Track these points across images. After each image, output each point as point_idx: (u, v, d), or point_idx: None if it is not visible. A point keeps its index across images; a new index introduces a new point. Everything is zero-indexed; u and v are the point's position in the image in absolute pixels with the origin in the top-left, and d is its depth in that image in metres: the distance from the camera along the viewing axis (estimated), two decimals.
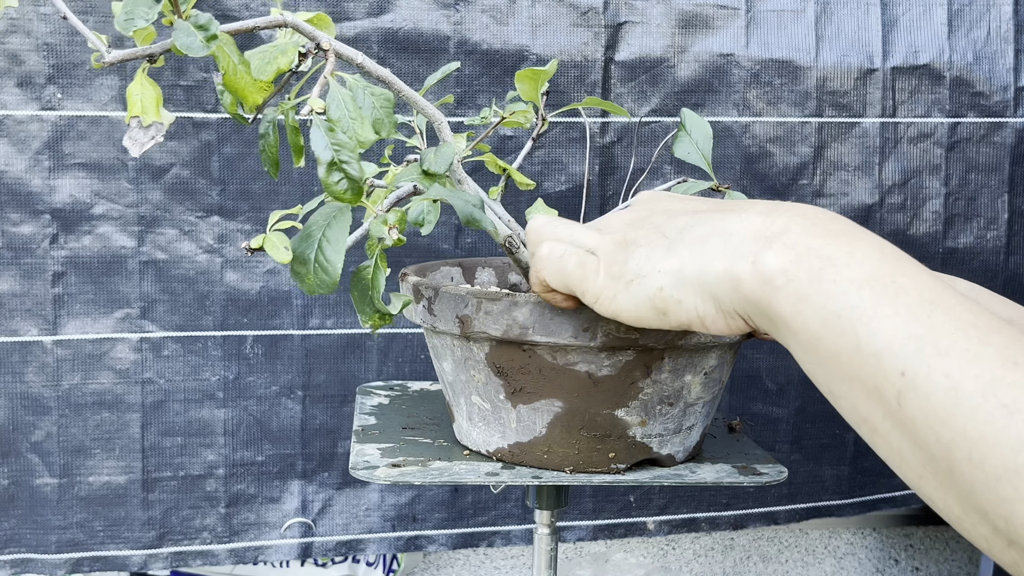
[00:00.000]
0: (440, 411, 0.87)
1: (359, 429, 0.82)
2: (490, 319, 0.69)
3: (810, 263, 0.50)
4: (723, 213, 0.56)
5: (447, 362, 0.75)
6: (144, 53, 0.57)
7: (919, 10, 1.16)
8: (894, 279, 0.47)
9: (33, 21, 1.01)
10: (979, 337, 0.44)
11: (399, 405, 0.89)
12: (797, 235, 0.51)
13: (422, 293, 0.73)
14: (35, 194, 1.04)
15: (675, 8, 1.11)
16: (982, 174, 1.19)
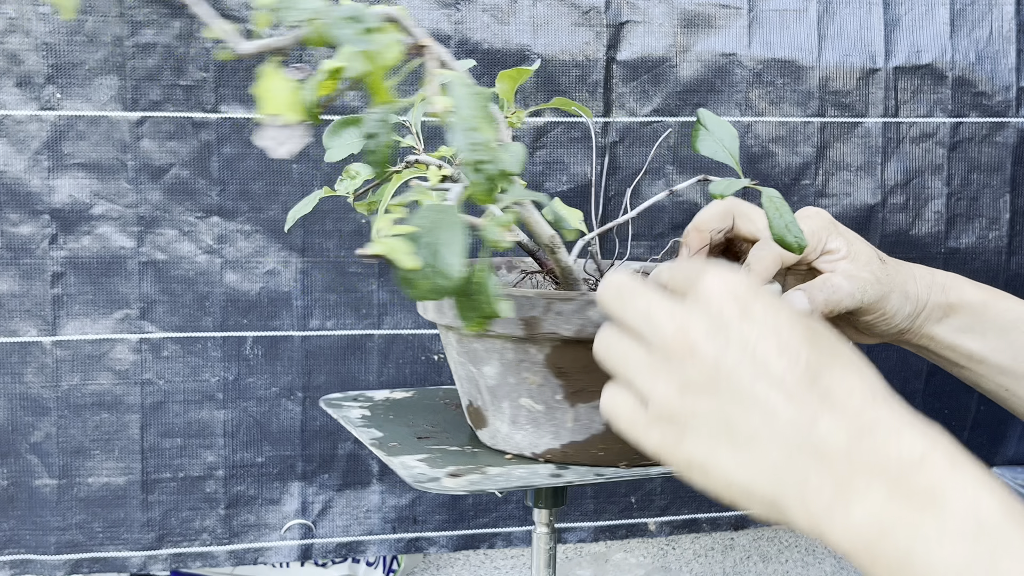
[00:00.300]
0: (438, 419, 0.86)
1: (374, 442, 0.80)
2: (561, 319, 0.68)
3: (897, 537, 0.46)
4: (808, 410, 0.49)
5: (491, 366, 0.73)
6: (276, 46, 0.55)
7: (921, 10, 1.15)
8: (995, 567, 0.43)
9: (32, 20, 1.00)
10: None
11: (385, 415, 0.88)
12: (882, 499, 0.46)
13: None
14: (34, 194, 1.03)
15: (677, 8, 1.10)
16: (984, 174, 1.18)
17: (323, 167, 1.07)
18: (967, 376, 0.85)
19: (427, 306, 0.76)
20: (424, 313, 0.77)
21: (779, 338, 0.50)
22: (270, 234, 1.07)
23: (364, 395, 0.95)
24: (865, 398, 0.49)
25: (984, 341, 0.81)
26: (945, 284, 0.83)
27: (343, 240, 1.08)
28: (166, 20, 1.02)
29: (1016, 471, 1.29)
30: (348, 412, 0.89)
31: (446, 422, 0.85)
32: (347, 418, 0.87)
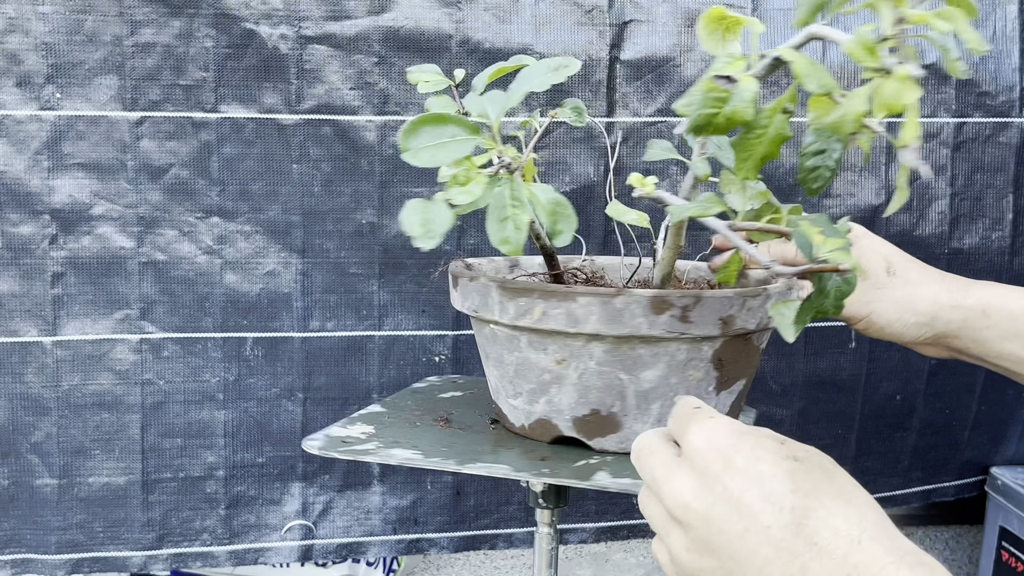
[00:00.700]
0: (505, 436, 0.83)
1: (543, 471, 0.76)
2: (750, 315, 0.71)
3: None
4: (797, 560, 0.50)
5: (654, 370, 0.73)
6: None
7: (926, 8, 1.14)
8: None
9: (32, 20, 0.99)
10: None
11: (440, 436, 0.83)
12: None
13: (673, 303, 0.70)
14: (34, 194, 1.02)
15: (681, 7, 1.08)
16: (987, 174, 1.17)
17: (323, 168, 1.06)
18: (1022, 382, 0.84)
19: (589, 319, 0.72)
20: (579, 327, 0.72)
21: (762, 488, 0.51)
22: (270, 235, 1.06)
23: (356, 419, 0.87)
24: (851, 539, 0.49)
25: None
26: (975, 292, 0.83)
27: (343, 241, 1.07)
28: (166, 19, 1.01)
29: (1016, 471, 1.28)
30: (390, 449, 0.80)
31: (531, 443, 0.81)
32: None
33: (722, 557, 0.52)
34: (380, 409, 0.88)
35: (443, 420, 0.85)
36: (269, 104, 1.04)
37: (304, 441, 0.76)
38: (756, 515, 0.51)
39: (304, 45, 1.03)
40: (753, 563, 0.51)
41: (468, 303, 0.77)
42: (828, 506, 0.50)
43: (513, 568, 1.28)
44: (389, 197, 1.07)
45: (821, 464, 0.53)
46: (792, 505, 0.50)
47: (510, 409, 0.80)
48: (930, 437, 1.26)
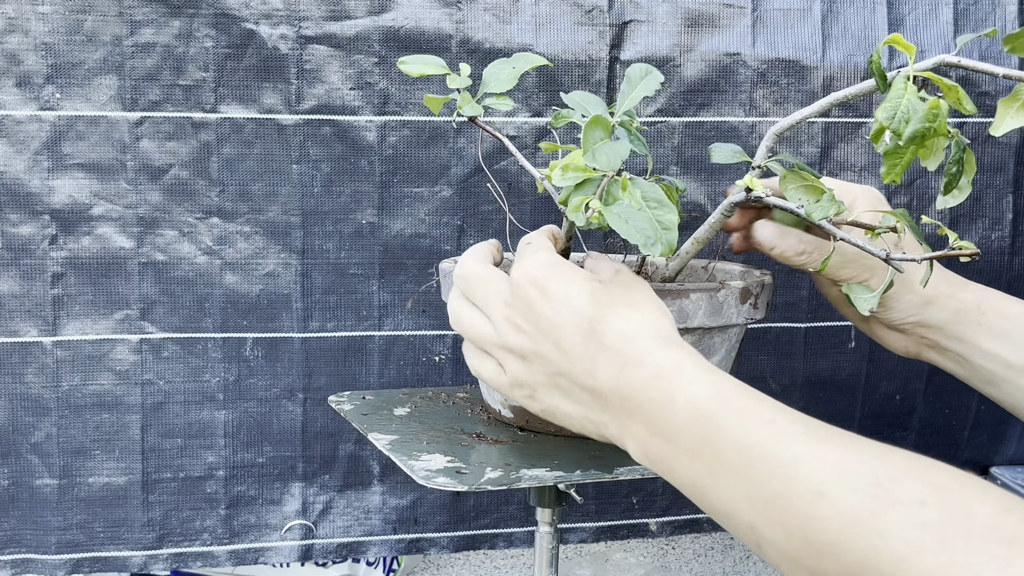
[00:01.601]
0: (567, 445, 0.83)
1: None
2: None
3: (654, 456, 0.58)
4: (589, 359, 0.61)
5: (716, 356, 0.80)
6: None
7: (925, 9, 1.13)
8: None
9: (31, 20, 0.98)
10: None
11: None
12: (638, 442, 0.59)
13: (752, 292, 0.79)
14: (34, 195, 1.01)
15: (681, 7, 1.07)
16: (987, 174, 1.16)
17: (323, 168, 1.05)
18: (1006, 396, 0.83)
19: (697, 314, 0.78)
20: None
21: (569, 303, 0.62)
22: (270, 235, 1.05)
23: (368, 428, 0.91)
24: (628, 336, 0.60)
25: (1020, 351, 0.80)
26: (972, 289, 0.83)
27: (343, 241, 1.06)
28: (165, 19, 1.00)
29: (1016, 471, 1.27)
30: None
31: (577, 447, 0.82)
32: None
33: (547, 365, 0.63)
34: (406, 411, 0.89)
35: (476, 435, 0.84)
36: (269, 104, 1.03)
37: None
38: (564, 327, 0.62)
39: (304, 45, 1.02)
40: (564, 366, 0.62)
41: None
42: (618, 313, 0.61)
43: (513, 568, 1.27)
44: (389, 197, 1.06)
45: (625, 283, 0.64)
46: (590, 315, 0.61)
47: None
48: (930, 437, 1.25)
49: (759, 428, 0.53)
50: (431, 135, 1.06)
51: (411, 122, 1.05)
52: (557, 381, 0.63)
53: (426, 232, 1.08)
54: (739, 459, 0.52)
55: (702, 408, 0.55)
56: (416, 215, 1.07)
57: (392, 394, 0.97)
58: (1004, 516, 0.43)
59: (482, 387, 0.86)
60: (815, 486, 0.48)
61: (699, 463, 0.54)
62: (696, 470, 0.54)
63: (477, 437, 0.83)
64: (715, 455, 0.53)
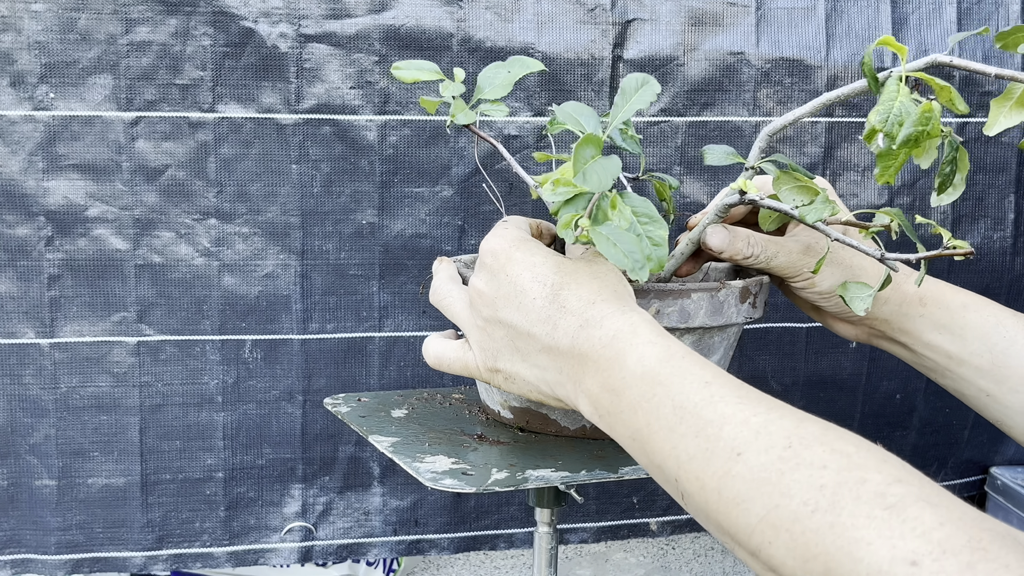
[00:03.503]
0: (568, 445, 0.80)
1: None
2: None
3: (607, 414, 0.61)
4: (551, 321, 0.63)
5: (717, 354, 0.79)
6: None
7: (929, 8, 1.09)
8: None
9: (24, 18, 0.94)
10: None
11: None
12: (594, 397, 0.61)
13: (751, 291, 0.78)
14: (29, 196, 0.97)
15: (685, 5, 1.03)
16: (989, 174, 1.13)
17: (323, 168, 1.00)
18: (949, 383, 0.82)
19: (698, 314, 0.76)
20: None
21: (533, 271, 0.64)
22: (269, 236, 1.01)
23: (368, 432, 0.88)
24: (588, 301, 0.62)
25: (964, 344, 0.79)
26: (917, 276, 0.80)
27: (343, 242, 1.02)
28: (161, 17, 0.95)
29: (1016, 471, 1.25)
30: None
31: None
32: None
33: (508, 329, 0.65)
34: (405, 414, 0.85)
35: (478, 436, 0.81)
36: (268, 104, 0.99)
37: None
38: (527, 290, 0.64)
39: (304, 44, 0.98)
40: (525, 329, 0.64)
41: None
42: (579, 280, 0.63)
43: (513, 568, 1.23)
44: (390, 197, 1.02)
45: (588, 259, 0.66)
46: (552, 282, 0.63)
47: (565, 414, 0.79)
48: (930, 436, 1.22)
49: (696, 388, 0.55)
50: (432, 135, 1.02)
51: (412, 121, 1.01)
52: (517, 344, 0.65)
53: (427, 232, 1.04)
54: (674, 415, 0.54)
55: (649, 367, 0.57)
56: (417, 215, 1.03)
57: (388, 396, 0.93)
58: (893, 485, 0.45)
59: (480, 389, 0.83)
60: (734, 445, 0.51)
61: (640, 417, 0.56)
62: (637, 424, 0.57)
63: (478, 438, 0.79)
64: (654, 410, 0.56)
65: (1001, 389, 0.78)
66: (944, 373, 0.81)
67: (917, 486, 0.45)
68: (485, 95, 0.73)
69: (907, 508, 0.43)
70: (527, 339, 0.64)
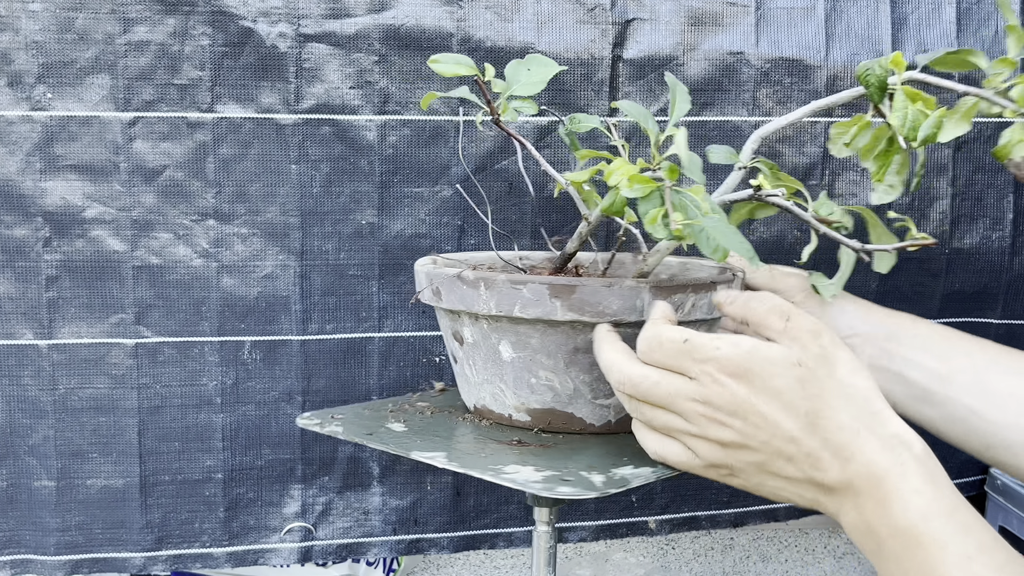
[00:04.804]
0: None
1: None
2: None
3: (869, 537, 0.60)
4: (814, 455, 0.61)
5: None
6: None
7: (928, 8, 1.07)
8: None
9: (21, 18, 0.92)
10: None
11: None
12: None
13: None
14: (27, 197, 0.95)
15: (684, 5, 1.01)
16: (988, 174, 1.11)
17: (322, 168, 0.99)
18: (936, 411, 0.81)
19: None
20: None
21: (780, 400, 0.60)
22: (268, 237, 0.99)
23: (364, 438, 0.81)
24: (853, 431, 0.60)
25: (948, 362, 0.79)
26: (900, 316, 0.84)
27: (343, 242, 1.01)
28: (160, 17, 0.94)
29: None
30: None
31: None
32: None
33: (758, 454, 0.62)
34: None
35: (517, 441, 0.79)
36: (267, 103, 0.97)
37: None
38: (779, 424, 0.60)
39: (303, 43, 0.96)
40: (783, 458, 0.61)
41: (614, 306, 0.72)
42: (832, 402, 0.60)
43: (513, 567, 1.22)
44: (389, 197, 1.01)
45: (823, 356, 0.61)
46: (806, 409, 0.60)
47: (592, 411, 0.77)
48: (929, 435, 1.20)
49: (956, 564, 0.53)
50: (432, 134, 1.00)
51: (411, 121, 0.99)
52: (768, 467, 0.62)
53: (427, 232, 1.02)
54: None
55: (912, 522, 0.56)
56: (416, 215, 1.01)
57: (357, 410, 0.89)
58: None
59: (480, 396, 0.80)
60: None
61: (893, 568, 0.56)
62: (891, 573, 0.56)
63: (519, 444, 0.77)
64: (910, 572, 0.55)
65: (986, 405, 0.78)
66: (930, 398, 0.80)
67: None
68: (516, 92, 0.72)
69: None
70: (785, 465, 0.61)
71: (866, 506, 0.58)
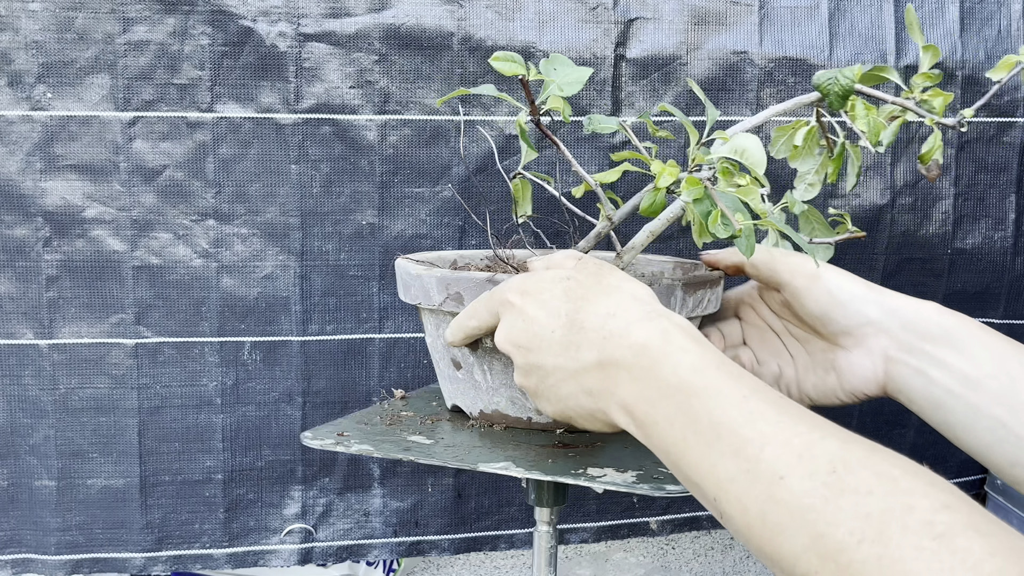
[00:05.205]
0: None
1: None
2: None
3: (646, 422, 0.58)
4: (574, 348, 0.62)
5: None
6: None
7: (932, 7, 1.06)
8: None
9: (21, 18, 0.92)
10: None
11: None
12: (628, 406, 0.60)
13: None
14: (27, 196, 0.95)
15: (688, 4, 1.01)
16: (991, 174, 1.11)
17: (322, 168, 0.98)
18: (960, 418, 0.73)
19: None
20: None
21: (547, 307, 0.64)
22: (268, 237, 0.99)
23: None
24: (607, 315, 0.61)
25: (979, 365, 0.72)
26: (923, 303, 0.76)
27: (343, 242, 1.00)
28: (159, 16, 0.93)
29: None
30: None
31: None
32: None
33: (541, 370, 0.64)
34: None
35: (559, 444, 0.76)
36: (267, 103, 0.96)
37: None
38: (545, 328, 0.63)
39: (303, 43, 0.96)
40: (554, 360, 0.63)
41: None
42: (593, 299, 0.63)
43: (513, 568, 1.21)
44: (390, 197, 1.00)
45: (596, 272, 0.65)
46: (566, 311, 0.63)
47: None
48: (929, 435, 1.19)
49: (734, 403, 0.53)
50: (432, 134, 0.99)
51: (412, 121, 0.99)
52: (547, 366, 0.64)
53: (427, 233, 1.02)
54: (711, 431, 0.52)
55: (684, 377, 0.55)
56: (417, 215, 1.01)
57: (352, 424, 0.80)
58: (941, 512, 0.43)
59: (494, 401, 0.77)
60: (776, 468, 0.48)
61: (676, 430, 0.54)
62: (673, 436, 0.55)
63: (563, 446, 0.75)
64: (690, 425, 0.54)
65: (1017, 418, 0.70)
66: (953, 402, 0.73)
67: (966, 513, 0.43)
68: (557, 92, 0.71)
69: (956, 538, 0.41)
70: (562, 372, 0.63)
71: (635, 376, 0.58)
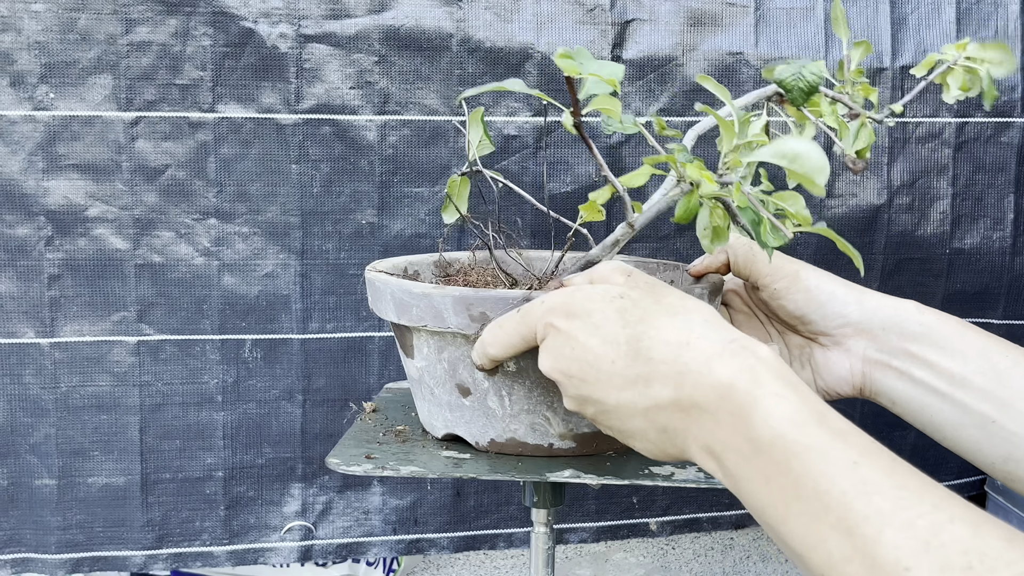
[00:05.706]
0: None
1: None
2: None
3: (724, 460, 0.52)
4: (642, 382, 0.56)
5: None
6: None
7: (928, 8, 1.07)
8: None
9: (24, 19, 0.93)
10: None
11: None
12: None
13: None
14: (29, 196, 0.96)
15: (683, 6, 1.02)
16: (988, 174, 1.11)
17: (322, 168, 0.99)
18: (948, 418, 0.72)
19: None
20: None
21: (600, 333, 0.57)
22: (269, 236, 1.00)
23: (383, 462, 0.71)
24: (680, 344, 0.54)
25: (965, 362, 0.70)
26: (902, 302, 0.74)
27: (343, 242, 1.01)
28: (161, 17, 0.94)
29: None
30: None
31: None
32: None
33: (596, 405, 0.58)
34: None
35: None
36: (268, 104, 0.98)
37: None
38: (602, 358, 0.57)
39: (303, 44, 0.97)
40: (615, 400, 0.56)
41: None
42: (655, 323, 0.56)
43: (513, 568, 1.22)
44: (389, 197, 1.01)
45: (650, 289, 0.59)
46: (626, 337, 0.56)
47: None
48: (929, 437, 1.20)
49: (842, 472, 0.46)
50: (432, 134, 1.01)
51: (411, 121, 1.00)
52: (620, 415, 0.57)
53: (427, 232, 1.02)
54: (816, 501, 0.45)
55: (780, 432, 0.48)
56: (416, 215, 1.02)
57: (358, 445, 0.74)
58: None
59: (510, 429, 0.70)
60: (899, 557, 0.42)
61: (774, 493, 0.48)
62: (771, 499, 0.48)
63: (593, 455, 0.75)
64: (791, 489, 0.47)
65: (1007, 414, 0.69)
66: (940, 401, 0.72)
67: None
68: (592, 90, 0.68)
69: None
70: (620, 400, 0.56)
71: (720, 421, 0.51)
